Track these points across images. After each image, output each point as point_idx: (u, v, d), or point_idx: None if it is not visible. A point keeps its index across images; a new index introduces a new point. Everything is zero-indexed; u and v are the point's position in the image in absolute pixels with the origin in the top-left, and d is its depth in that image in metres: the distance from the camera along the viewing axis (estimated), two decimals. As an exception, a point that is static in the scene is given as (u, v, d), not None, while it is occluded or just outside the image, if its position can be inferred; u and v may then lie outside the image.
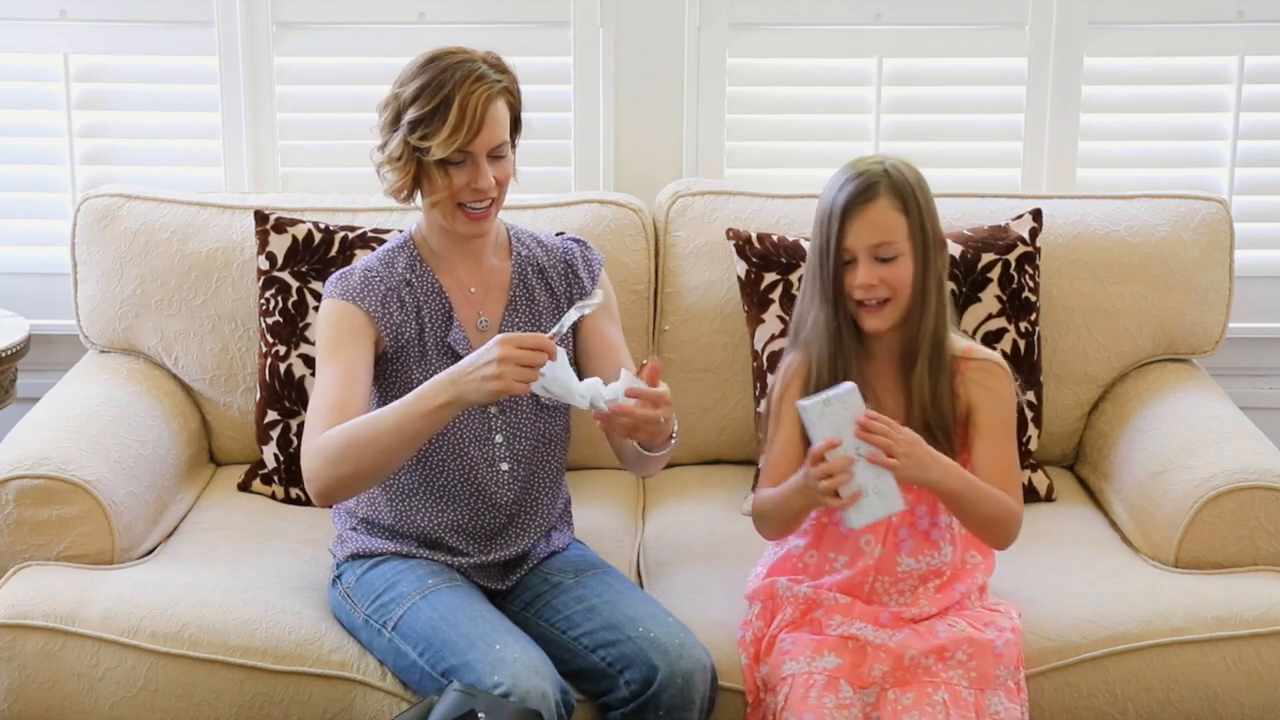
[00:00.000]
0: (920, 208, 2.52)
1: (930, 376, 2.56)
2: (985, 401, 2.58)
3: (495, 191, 2.61)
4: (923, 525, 2.61)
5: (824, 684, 2.47)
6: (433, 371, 2.60)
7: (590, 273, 2.77)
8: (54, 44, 3.45)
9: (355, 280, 2.66)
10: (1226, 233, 3.25)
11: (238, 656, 2.56)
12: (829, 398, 2.41)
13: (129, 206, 3.20)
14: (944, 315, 2.57)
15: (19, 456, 2.74)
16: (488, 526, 2.68)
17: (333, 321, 2.64)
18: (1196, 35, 3.50)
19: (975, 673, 2.48)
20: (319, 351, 2.65)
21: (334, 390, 2.56)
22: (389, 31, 3.45)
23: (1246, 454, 2.86)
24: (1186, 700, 2.62)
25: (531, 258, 2.75)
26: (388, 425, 2.44)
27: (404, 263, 2.69)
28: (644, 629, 2.50)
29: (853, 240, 2.51)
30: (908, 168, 2.55)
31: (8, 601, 2.60)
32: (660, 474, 3.23)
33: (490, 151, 2.58)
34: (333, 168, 3.50)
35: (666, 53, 3.46)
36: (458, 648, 2.45)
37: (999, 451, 2.58)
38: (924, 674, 2.48)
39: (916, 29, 3.48)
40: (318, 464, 2.50)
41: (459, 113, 2.53)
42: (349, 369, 2.59)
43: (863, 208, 2.50)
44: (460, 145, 2.54)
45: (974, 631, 2.53)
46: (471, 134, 2.54)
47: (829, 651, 2.51)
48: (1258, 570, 2.78)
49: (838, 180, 2.56)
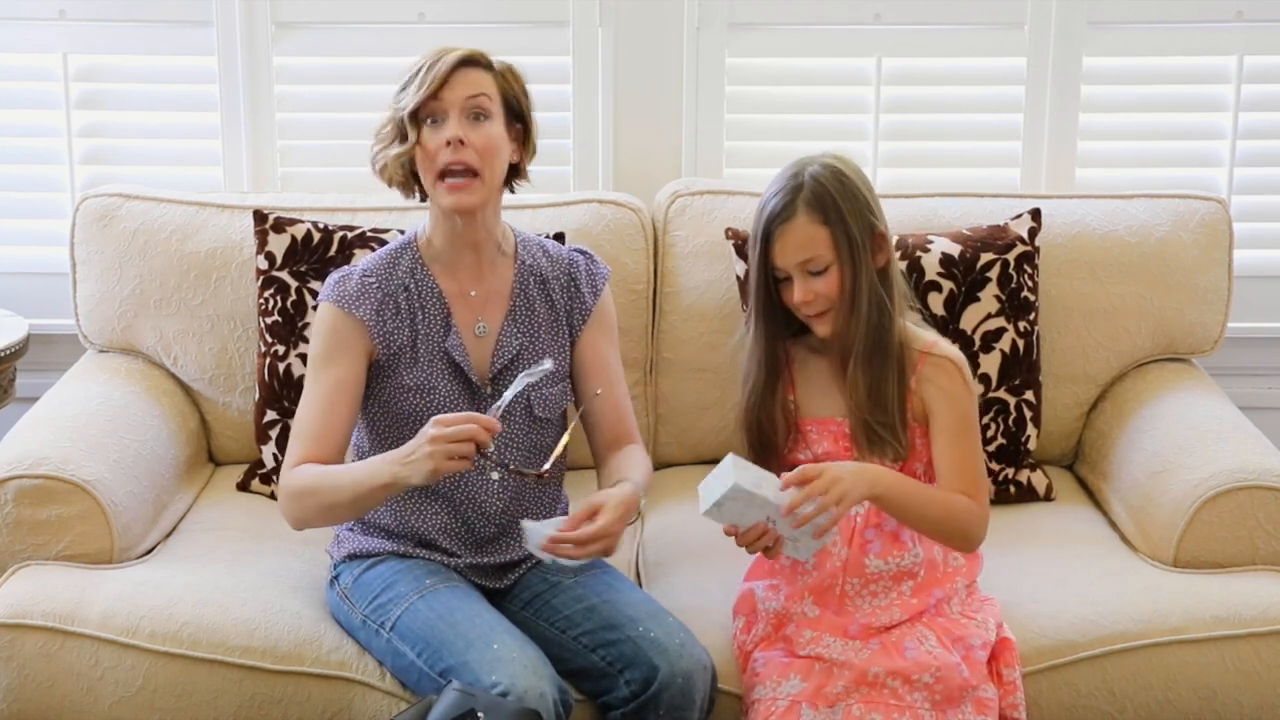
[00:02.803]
0: (842, 214, 2.51)
1: (868, 374, 2.56)
2: (939, 401, 2.58)
3: (473, 156, 2.58)
4: (889, 526, 2.60)
5: (784, 710, 2.47)
6: (424, 376, 2.63)
7: (592, 287, 2.76)
8: (53, 44, 3.45)
9: (353, 285, 2.65)
10: (1225, 232, 3.25)
11: (236, 656, 2.56)
12: (719, 501, 2.41)
13: (128, 206, 3.20)
14: (884, 312, 2.55)
15: (18, 456, 2.74)
16: (479, 534, 2.68)
17: (326, 330, 2.65)
18: (1195, 35, 3.50)
19: (940, 695, 2.47)
20: (311, 356, 2.67)
21: (314, 417, 2.61)
22: (388, 31, 3.45)
23: (1246, 454, 2.86)
24: (1185, 699, 2.62)
25: (535, 267, 2.74)
26: (343, 491, 2.53)
27: (405, 265, 2.68)
28: (644, 628, 2.50)
29: (780, 260, 2.54)
30: (830, 172, 2.54)
31: (7, 601, 2.60)
32: (659, 474, 3.24)
33: (464, 109, 2.58)
34: (332, 168, 3.50)
35: (666, 52, 3.47)
36: (456, 647, 2.45)
37: (956, 451, 2.57)
38: (889, 695, 2.47)
39: (916, 29, 3.48)
40: (286, 503, 2.61)
41: (427, 68, 2.58)
42: (332, 392, 2.61)
43: (783, 227, 2.52)
44: (429, 93, 2.56)
45: (941, 651, 2.51)
46: (437, 82, 2.56)
47: (795, 674, 2.51)
48: (1256, 570, 2.78)
49: (764, 196, 2.58)
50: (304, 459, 2.58)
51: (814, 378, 2.66)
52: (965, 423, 2.58)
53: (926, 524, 2.55)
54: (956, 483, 2.56)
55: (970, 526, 2.56)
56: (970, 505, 2.55)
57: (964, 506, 2.54)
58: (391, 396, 2.65)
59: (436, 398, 2.64)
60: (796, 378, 2.67)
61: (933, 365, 2.58)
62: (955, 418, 2.57)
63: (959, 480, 2.56)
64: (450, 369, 2.66)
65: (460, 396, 2.65)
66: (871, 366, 2.55)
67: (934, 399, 2.58)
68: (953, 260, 3.07)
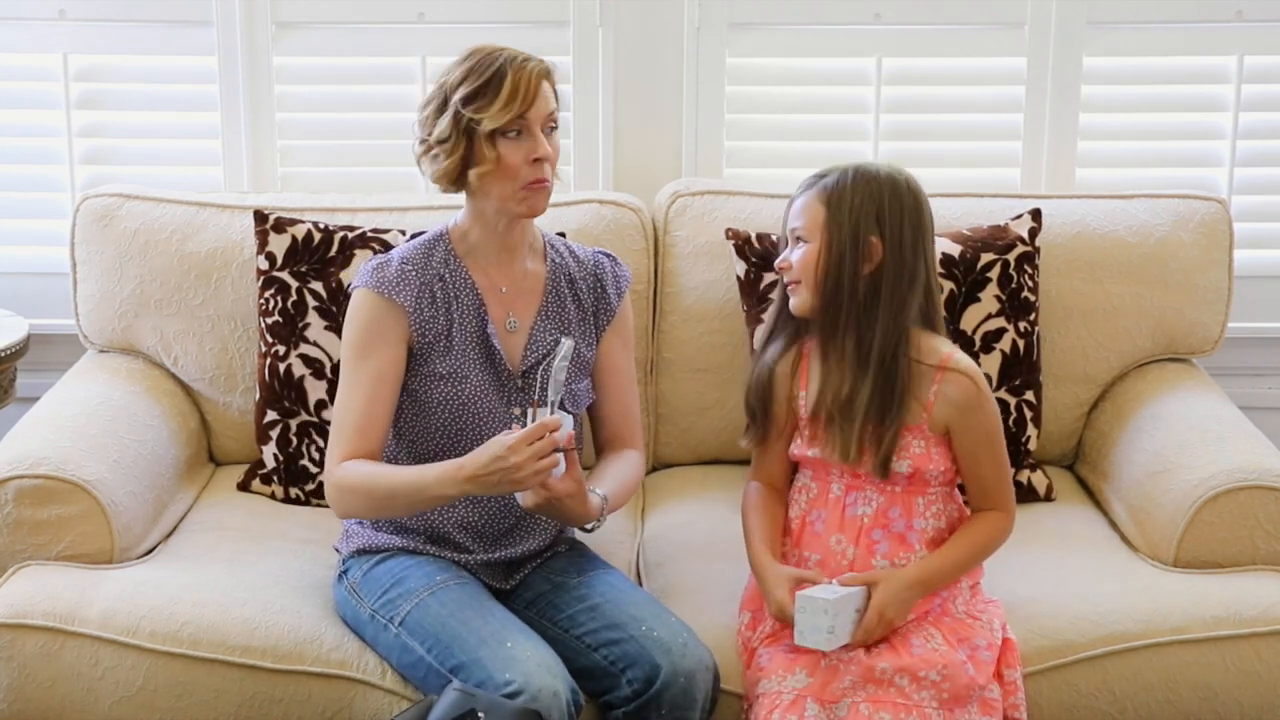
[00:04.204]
0: (845, 204, 2.56)
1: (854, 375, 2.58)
2: (959, 421, 2.60)
3: (550, 170, 2.60)
4: (897, 527, 2.61)
5: (789, 704, 2.48)
6: (458, 365, 2.64)
7: (617, 289, 2.78)
8: (53, 44, 3.45)
9: (392, 272, 2.65)
10: (1226, 232, 3.25)
11: (237, 656, 2.56)
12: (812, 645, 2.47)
13: (128, 206, 3.20)
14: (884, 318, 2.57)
15: (18, 456, 2.74)
16: (497, 526, 2.68)
17: (365, 319, 2.64)
18: (1195, 35, 3.50)
19: (947, 693, 2.48)
20: (347, 349, 2.65)
21: (358, 409, 2.60)
22: (389, 31, 3.45)
23: (1246, 454, 2.86)
24: (1185, 699, 2.62)
25: (565, 266, 2.75)
26: (401, 493, 2.53)
27: (440, 256, 2.68)
28: (647, 628, 2.50)
29: (787, 223, 2.66)
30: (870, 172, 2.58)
31: (7, 601, 2.60)
32: (660, 474, 3.25)
33: (544, 124, 2.58)
34: (332, 167, 3.50)
35: (666, 52, 3.47)
36: (467, 644, 2.45)
37: (983, 469, 2.62)
38: (896, 694, 2.48)
39: (916, 29, 3.48)
40: (336, 497, 2.59)
41: (513, 84, 2.54)
42: (375, 382, 2.61)
43: (798, 196, 2.63)
44: (516, 113, 2.54)
45: (947, 649, 2.52)
46: (526, 103, 2.55)
47: (800, 669, 2.52)
48: (1256, 570, 2.78)
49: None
50: (350, 454, 2.58)
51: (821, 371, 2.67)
52: (987, 436, 2.62)
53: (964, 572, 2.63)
54: (983, 494, 2.63)
55: (995, 546, 2.65)
56: (991, 532, 2.63)
57: (987, 540, 2.63)
58: (421, 385, 2.65)
59: (468, 387, 2.64)
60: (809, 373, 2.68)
61: (951, 382, 2.60)
62: (977, 434, 2.61)
63: (986, 497, 2.63)
64: (484, 359, 2.66)
65: (490, 387, 2.65)
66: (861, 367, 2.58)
67: (955, 419, 2.60)
68: (953, 260, 3.07)
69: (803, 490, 2.69)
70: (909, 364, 2.58)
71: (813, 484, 2.67)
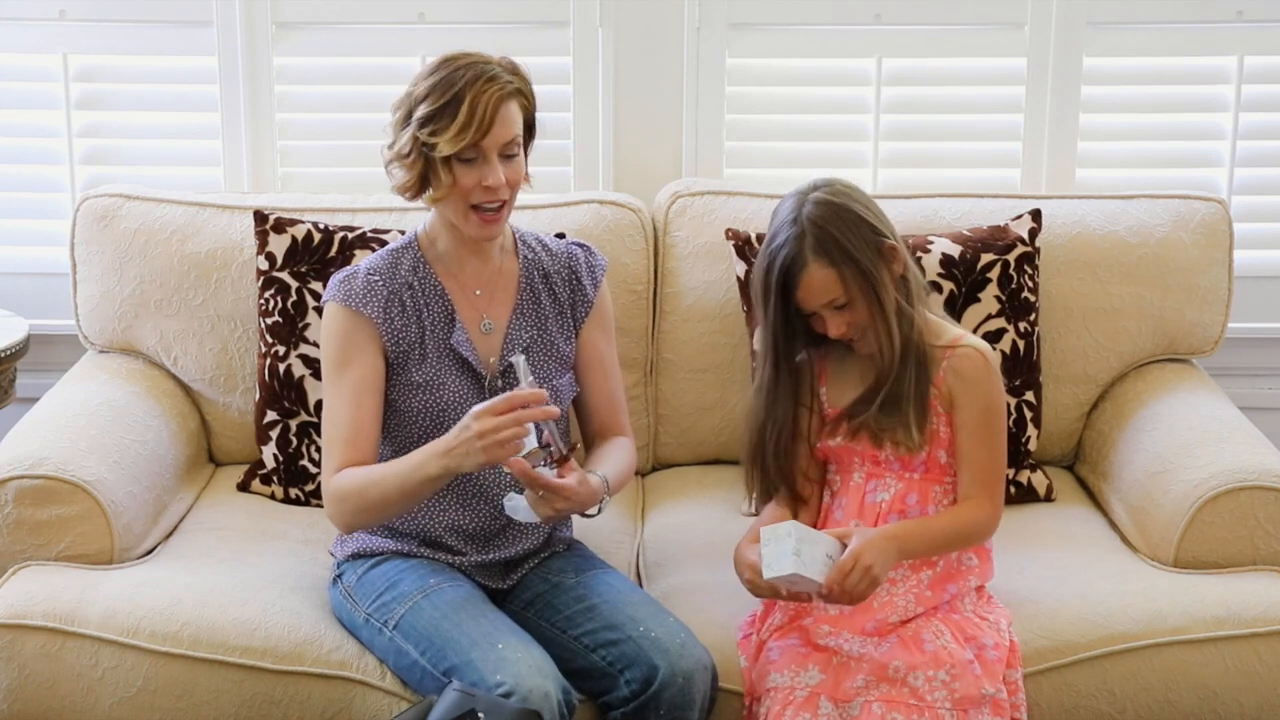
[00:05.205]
0: (848, 252, 2.53)
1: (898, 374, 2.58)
2: (963, 394, 2.61)
3: (506, 192, 2.59)
4: (913, 514, 2.62)
5: (803, 700, 2.48)
6: (434, 373, 2.63)
7: (593, 279, 2.78)
8: (53, 44, 3.45)
9: (359, 284, 2.65)
10: (1226, 233, 3.25)
11: (237, 656, 2.56)
12: (774, 577, 2.45)
13: (128, 206, 3.20)
14: (904, 320, 2.57)
15: (18, 456, 2.75)
16: (487, 528, 2.69)
17: (339, 333, 2.65)
18: (1196, 35, 3.50)
19: (959, 693, 2.48)
20: (326, 364, 2.66)
21: (345, 420, 2.61)
22: (388, 31, 3.45)
23: (1246, 454, 2.86)
24: (1185, 700, 2.62)
25: (537, 261, 2.75)
26: (392, 484, 2.53)
27: (408, 264, 2.69)
28: (645, 628, 2.50)
29: (805, 304, 2.58)
30: (827, 208, 2.55)
31: (7, 601, 2.60)
32: (660, 474, 3.25)
33: (501, 150, 2.57)
34: (332, 168, 3.50)
35: (666, 53, 3.46)
36: (460, 646, 2.45)
37: (975, 447, 2.61)
38: (909, 695, 2.48)
39: (916, 29, 3.48)
40: (334, 510, 2.60)
41: (469, 110, 2.53)
42: (357, 392, 2.61)
43: (799, 276, 2.55)
44: (469, 142, 2.54)
45: (956, 648, 2.52)
46: (481, 131, 2.54)
47: (813, 665, 2.52)
48: (1256, 570, 2.78)
49: (768, 240, 2.59)
50: (343, 464, 2.59)
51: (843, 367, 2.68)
52: (988, 416, 2.61)
53: (943, 552, 2.62)
54: (972, 479, 2.61)
55: (977, 536, 2.63)
56: (975, 517, 2.60)
57: (969, 522, 2.60)
58: (400, 395, 2.65)
59: (446, 394, 2.65)
60: (828, 370, 2.69)
61: (960, 357, 2.60)
62: (977, 411, 2.60)
63: (974, 477, 2.61)
64: (458, 365, 2.66)
65: (469, 392, 2.66)
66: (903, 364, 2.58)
67: (959, 392, 2.61)
68: (953, 261, 3.07)
69: (825, 485, 2.69)
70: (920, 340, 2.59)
71: (836, 477, 2.68)
